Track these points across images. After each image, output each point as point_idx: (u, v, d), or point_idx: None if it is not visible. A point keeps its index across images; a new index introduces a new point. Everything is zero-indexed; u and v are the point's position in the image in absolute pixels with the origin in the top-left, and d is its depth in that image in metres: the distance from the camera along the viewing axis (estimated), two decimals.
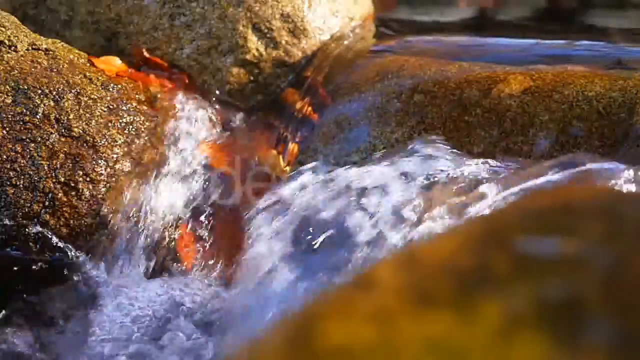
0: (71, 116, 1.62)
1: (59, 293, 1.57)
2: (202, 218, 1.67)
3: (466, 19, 2.30)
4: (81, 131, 1.62)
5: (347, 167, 1.58)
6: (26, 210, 1.57)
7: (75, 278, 1.58)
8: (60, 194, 1.58)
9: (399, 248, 1.39)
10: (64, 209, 1.58)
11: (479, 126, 1.63)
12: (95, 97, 1.65)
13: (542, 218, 0.71)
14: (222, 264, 1.63)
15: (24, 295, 1.58)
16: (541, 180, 1.36)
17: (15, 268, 1.58)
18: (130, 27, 1.89)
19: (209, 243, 1.65)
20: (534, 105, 1.60)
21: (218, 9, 1.85)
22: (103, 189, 1.60)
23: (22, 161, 1.58)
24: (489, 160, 1.52)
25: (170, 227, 1.65)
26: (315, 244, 1.46)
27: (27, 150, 1.59)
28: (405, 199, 1.45)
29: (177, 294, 1.56)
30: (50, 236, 1.58)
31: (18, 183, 1.57)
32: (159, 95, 1.75)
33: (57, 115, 1.61)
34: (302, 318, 0.62)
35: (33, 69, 1.65)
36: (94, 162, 1.61)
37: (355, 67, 1.83)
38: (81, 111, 1.63)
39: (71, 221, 1.59)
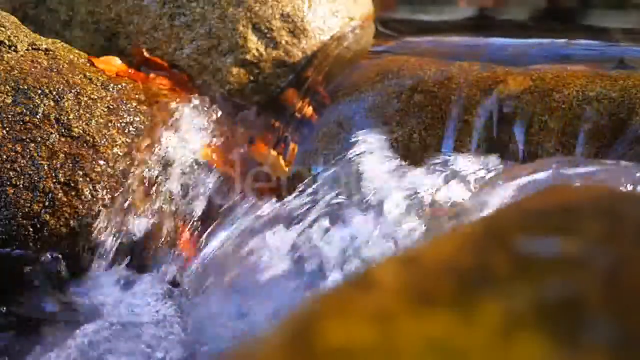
0: (71, 116, 1.62)
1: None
2: (202, 217, 1.67)
3: (466, 19, 2.30)
4: (81, 131, 1.62)
5: None
6: (26, 210, 1.57)
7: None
8: (60, 194, 1.58)
9: (399, 248, 1.39)
10: (64, 209, 1.58)
11: (478, 126, 1.63)
12: (95, 97, 1.65)
13: (542, 218, 0.71)
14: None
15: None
16: (540, 179, 1.36)
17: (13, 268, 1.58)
18: (130, 27, 1.89)
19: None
20: (533, 105, 1.60)
21: (218, 9, 1.85)
22: (103, 189, 1.60)
23: (22, 161, 1.58)
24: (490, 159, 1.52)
25: (170, 226, 1.64)
26: None
27: (27, 150, 1.59)
28: None
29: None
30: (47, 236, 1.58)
31: (18, 183, 1.57)
32: (159, 96, 1.75)
33: (57, 115, 1.61)
34: (302, 318, 0.62)
35: (33, 69, 1.65)
36: (94, 162, 1.61)
37: (355, 67, 1.83)
38: (81, 111, 1.63)
39: (71, 221, 1.59)
